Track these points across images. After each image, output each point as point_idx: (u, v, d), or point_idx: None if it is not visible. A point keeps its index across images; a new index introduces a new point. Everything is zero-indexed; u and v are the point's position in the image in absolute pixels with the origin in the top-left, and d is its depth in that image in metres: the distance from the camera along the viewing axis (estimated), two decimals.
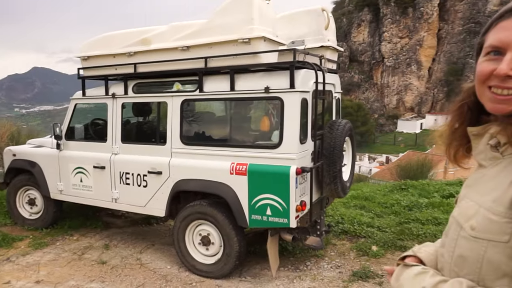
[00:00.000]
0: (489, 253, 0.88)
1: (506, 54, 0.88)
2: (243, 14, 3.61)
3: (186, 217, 4.02)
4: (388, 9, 65.24)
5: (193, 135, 4.24)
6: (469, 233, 0.92)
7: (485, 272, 0.89)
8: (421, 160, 11.45)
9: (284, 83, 3.59)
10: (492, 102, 0.92)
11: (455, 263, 0.97)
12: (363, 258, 4.30)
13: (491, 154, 0.97)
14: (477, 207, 0.93)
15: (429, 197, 6.39)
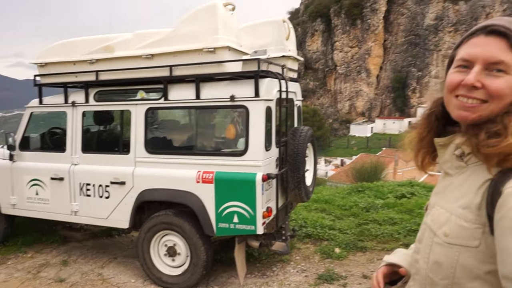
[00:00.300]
0: (462, 258, 0.91)
1: (474, 67, 0.94)
2: (208, 24, 3.57)
3: (151, 228, 3.87)
4: (339, 20, 67.62)
5: (158, 143, 4.10)
6: (443, 239, 0.96)
7: (459, 276, 0.92)
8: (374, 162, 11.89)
9: (249, 91, 3.58)
10: (458, 109, 0.96)
11: (431, 269, 0.99)
12: (327, 261, 4.36)
13: (456, 163, 1.01)
14: (448, 214, 0.97)
15: (384, 198, 6.61)
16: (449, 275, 0.94)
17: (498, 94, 0.91)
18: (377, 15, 65.02)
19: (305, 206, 6.11)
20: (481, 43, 0.94)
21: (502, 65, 0.90)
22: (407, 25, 64.50)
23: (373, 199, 6.47)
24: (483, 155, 0.91)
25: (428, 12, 62.44)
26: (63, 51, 4.22)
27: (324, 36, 70.58)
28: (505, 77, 0.91)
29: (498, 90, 0.90)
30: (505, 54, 0.90)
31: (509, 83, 0.91)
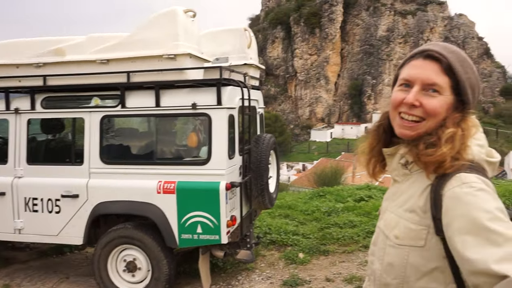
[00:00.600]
0: (411, 257, 1.01)
1: (413, 87, 1.04)
2: (168, 29, 3.43)
3: (109, 243, 3.61)
4: (298, 29, 69.07)
5: (115, 153, 3.86)
6: (394, 241, 1.05)
7: (409, 275, 1.01)
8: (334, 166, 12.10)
9: (211, 99, 3.46)
10: (399, 127, 1.08)
11: (385, 270, 1.07)
12: (292, 266, 4.30)
13: (402, 171, 1.11)
14: (398, 218, 1.06)
15: (344, 201, 6.69)
16: (400, 274, 1.02)
17: (433, 113, 1.02)
18: (334, 25, 67.09)
19: (269, 213, 6.03)
20: (420, 65, 1.05)
21: (436, 86, 1.02)
22: (362, 35, 67.09)
23: (334, 203, 6.52)
24: (422, 163, 1.02)
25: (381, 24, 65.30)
26: (4, 53, 3.84)
27: (284, 43, 71.75)
28: (438, 97, 1.02)
29: (434, 109, 1.02)
30: (439, 76, 1.02)
31: (442, 102, 1.02)
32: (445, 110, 1.03)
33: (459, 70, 1.02)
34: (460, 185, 0.94)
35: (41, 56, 3.71)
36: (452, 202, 0.93)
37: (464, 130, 1.01)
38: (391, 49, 63.05)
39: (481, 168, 1.01)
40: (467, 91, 1.04)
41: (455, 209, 0.92)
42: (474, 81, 1.05)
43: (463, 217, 0.90)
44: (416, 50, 1.09)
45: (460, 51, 1.07)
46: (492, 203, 0.91)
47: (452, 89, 1.03)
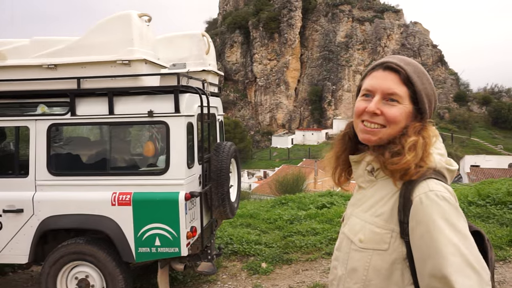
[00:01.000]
0: (373, 260, 1.08)
1: (375, 96, 1.14)
2: (122, 34, 3.39)
3: (58, 260, 3.47)
4: (257, 33, 69.90)
5: (64, 164, 3.73)
6: (358, 245, 1.12)
7: (370, 278, 1.08)
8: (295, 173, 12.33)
9: (169, 107, 3.45)
10: (362, 133, 1.16)
11: (348, 274, 1.14)
12: (255, 277, 4.34)
13: (368, 178, 1.20)
14: (363, 223, 1.14)
15: (306, 209, 6.85)
16: (362, 278, 1.09)
17: (393, 120, 1.11)
18: (293, 30, 68.58)
19: (230, 223, 6.05)
20: (380, 76, 1.15)
21: (396, 95, 1.12)
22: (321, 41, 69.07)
23: (296, 211, 6.66)
24: (389, 171, 1.10)
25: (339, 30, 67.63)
26: None
27: (243, 48, 72.26)
28: (398, 105, 1.12)
29: (394, 116, 1.11)
30: (398, 86, 1.12)
31: (401, 111, 1.12)
32: (405, 118, 1.12)
33: (416, 81, 1.12)
34: (426, 192, 1.02)
35: None
36: (417, 208, 1.01)
37: (425, 138, 1.10)
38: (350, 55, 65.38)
39: (442, 176, 1.10)
40: (424, 100, 1.13)
41: (420, 215, 1.00)
42: (430, 91, 1.15)
43: (427, 223, 0.99)
44: (377, 62, 1.19)
45: (416, 63, 1.17)
46: (453, 213, 1.01)
47: (410, 99, 1.12)
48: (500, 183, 6.99)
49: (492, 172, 25.20)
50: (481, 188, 6.54)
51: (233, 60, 72.37)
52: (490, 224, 5.14)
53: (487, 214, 5.44)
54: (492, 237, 4.65)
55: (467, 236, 1.00)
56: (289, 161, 48.31)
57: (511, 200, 5.67)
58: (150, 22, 3.75)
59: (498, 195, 5.89)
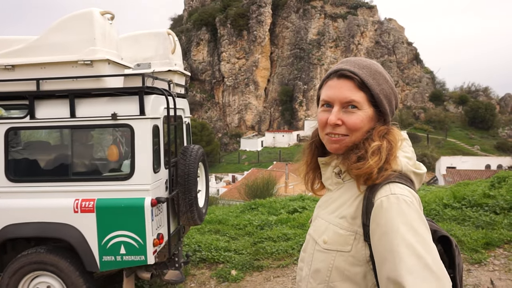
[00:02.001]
0: (336, 262, 1.15)
1: (334, 107, 1.22)
2: (83, 33, 3.47)
3: (18, 270, 3.51)
4: (225, 30, 70.05)
5: (23, 170, 3.76)
6: (322, 246, 1.20)
7: (333, 279, 1.16)
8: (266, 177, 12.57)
9: (133, 109, 3.56)
10: (329, 143, 1.25)
11: (312, 275, 1.22)
12: (224, 285, 4.50)
13: (335, 180, 1.29)
14: (327, 224, 1.22)
15: (277, 214, 7.09)
16: (325, 279, 1.17)
17: (354, 128, 1.19)
18: (263, 27, 69.18)
19: (198, 229, 6.18)
20: (335, 85, 1.21)
21: (354, 102, 1.19)
22: (292, 39, 70.03)
23: (267, 216, 6.88)
24: (353, 175, 1.19)
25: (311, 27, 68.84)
26: None
27: (210, 46, 72.20)
28: (357, 112, 1.19)
29: (354, 124, 1.19)
30: (354, 93, 1.19)
31: (361, 117, 1.19)
32: (366, 123, 1.20)
33: (371, 84, 1.18)
34: (387, 196, 1.08)
35: None
36: (378, 210, 1.07)
37: (391, 142, 1.17)
38: (322, 53, 66.67)
39: (408, 179, 1.16)
40: (383, 102, 1.20)
41: (379, 218, 1.06)
42: (388, 91, 1.22)
43: (385, 226, 1.05)
44: (331, 71, 1.26)
45: (372, 64, 1.23)
46: (413, 216, 1.05)
47: (369, 102, 1.19)
48: (476, 185, 7.32)
49: (468, 173, 25.83)
50: (456, 190, 6.79)
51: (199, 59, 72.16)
52: (465, 227, 5.32)
53: (462, 217, 5.62)
54: (468, 239, 4.83)
55: (426, 239, 1.03)
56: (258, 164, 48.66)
57: (486, 202, 5.89)
58: (113, 20, 3.85)
59: (473, 197, 6.12)
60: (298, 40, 69.24)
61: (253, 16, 69.32)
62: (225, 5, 72.56)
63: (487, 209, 5.77)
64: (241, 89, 68.82)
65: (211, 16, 72.08)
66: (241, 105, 68.47)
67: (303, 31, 69.32)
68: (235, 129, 67.89)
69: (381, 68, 1.25)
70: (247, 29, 69.36)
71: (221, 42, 70.31)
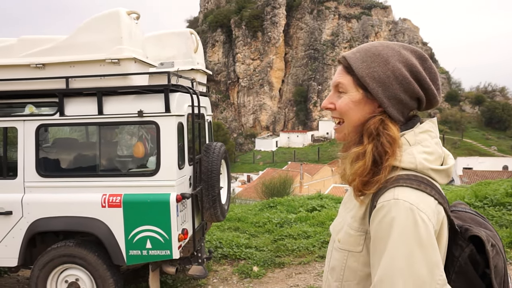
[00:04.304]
0: (349, 262, 1.12)
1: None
2: (111, 32, 3.52)
3: (48, 263, 3.58)
4: (240, 32, 70.27)
5: (53, 165, 3.84)
6: (337, 245, 1.17)
7: (346, 278, 1.13)
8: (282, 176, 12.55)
9: (159, 106, 3.59)
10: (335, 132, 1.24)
11: (330, 272, 1.20)
12: (246, 281, 4.51)
13: None
14: (343, 223, 1.18)
15: (296, 212, 7.07)
16: (339, 277, 1.14)
17: (341, 111, 1.16)
18: (277, 28, 69.20)
19: (217, 226, 6.21)
20: (335, 72, 1.23)
21: (340, 85, 1.17)
22: (306, 40, 69.87)
23: (286, 214, 6.87)
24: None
25: (325, 28, 68.58)
26: None
27: (225, 47, 72.52)
28: (344, 96, 1.16)
29: (340, 107, 1.16)
30: (342, 77, 1.17)
31: (346, 100, 1.15)
32: (353, 107, 1.13)
33: (357, 67, 1.12)
34: (389, 201, 0.99)
35: None
36: (376, 214, 1.01)
37: (382, 143, 1.06)
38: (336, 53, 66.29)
39: (423, 178, 1.04)
40: (369, 83, 1.10)
41: (376, 222, 1.00)
42: (381, 74, 1.10)
43: (379, 231, 0.99)
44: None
45: (373, 47, 1.15)
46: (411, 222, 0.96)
47: (357, 86, 1.13)
48: (498, 184, 7.16)
49: (485, 174, 25.24)
50: (477, 190, 6.66)
51: (215, 60, 72.53)
52: None
53: (485, 216, 5.59)
54: None
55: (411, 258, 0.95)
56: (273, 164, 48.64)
57: (509, 201, 5.77)
58: (138, 20, 3.91)
59: (496, 196, 6.00)
60: (312, 41, 69.04)
61: (268, 18, 69.37)
62: (240, 7, 72.79)
63: (510, 208, 5.67)
64: (255, 90, 68.90)
65: (226, 17, 72.41)
66: (256, 106, 68.53)
67: (317, 32, 69.12)
68: (250, 129, 68.00)
69: (388, 51, 1.13)
70: (261, 30, 69.45)
71: (236, 43, 70.54)
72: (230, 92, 71.57)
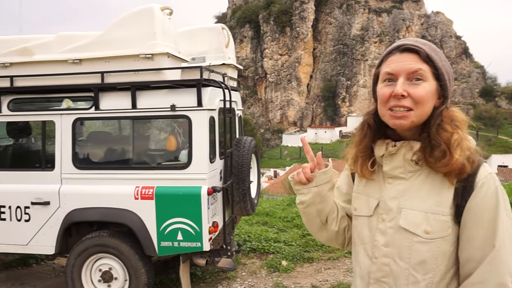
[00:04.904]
0: (442, 247, 1.15)
1: (398, 79, 1.17)
2: (144, 28, 3.56)
3: (83, 252, 3.69)
4: (268, 27, 70.05)
5: (89, 158, 3.95)
6: (425, 237, 1.16)
7: (439, 264, 1.15)
8: None
9: (191, 101, 3.62)
10: (392, 119, 1.18)
11: (415, 267, 1.17)
12: (275, 274, 4.51)
13: (411, 168, 1.21)
14: (423, 213, 1.17)
15: None
16: (432, 267, 1.16)
17: (420, 100, 1.15)
18: (306, 23, 68.56)
19: (246, 220, 6.23)
20: (399, 59, 1.19)
21: (420, 72, 1.16)
22: (335, 34, 68.90)
23: None
24: (442, 172, 1.16)
25: (354, 23, 67.39)
26: None
27: (253, 43, 72.50)
28: (423, 84, 1.15)
29: (420, 96, 1.15)
30: (420, 64, 1.17)
31: (427, 89, 1.16)
32: (431, 96, 1.16)
33: (435, 58, 1.17)
34: (487, 176, 1.13)
35: (7, 55, 3.76)
36: (480, 189, 1.12)
37: (462, 128, 1.18)
38: (365, 48, 65.18)
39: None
40: (445, 77, 1.18)
41: (480, 196, 1.12)
42: (448, 69, 1.21)
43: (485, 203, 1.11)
44: (392, 47, 1.24)
45: (430, 43, 1.23)
46: (504, 193, 1.15)
47: (434, 76, 1.17)
48: None
49: None
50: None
51: (243, 56, 72.64)
52: None
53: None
54: None
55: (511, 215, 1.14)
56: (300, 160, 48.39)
57: None
58: (171, 15, 3.94)
59: None
60: (341, 36, 68.02)
61: (296, 13, 68.79)
62: (268, 2, 72.50)
63: None
64: (283, 85, 68.62)
65: (254, 13, 72.32)
66: (283, 101, 68.27)
67: (346, 26, 68.04)
68: (277, 124, 67.86)
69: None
70: (290, 26, 68.98)
71: (264, 39, 70.39)
72: (257, 88, 71.58)
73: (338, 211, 1.43)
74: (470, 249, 1.13)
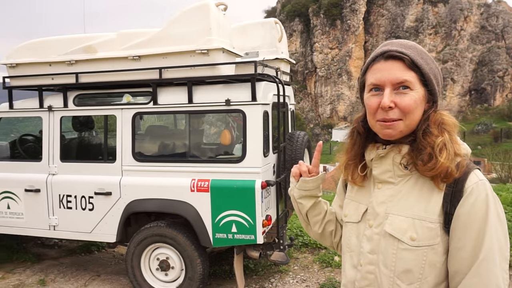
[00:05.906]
0: (429, 256, 1.08)
1: (384, 89, 1.12)
2: (200, 24, 3.60)
3: (142, 241, 3.83)
4: (318, 21, 68.88)
5: (147, 151, 4.08)
6: (411, 244, 1.09)
7: (426, 274, 1.09)
8: None
9: (245, 95, 3.62)
10: (382, 129, 1.15)
11: (399, 276, 1.11)
12: (327, 270, 4.43)
13: (401, 172, 1.17)
14: (411, 220, 1.11)
15: None
16: (418, 277, 1.09)
17: (408, 110, 1.10)
18: (357, 16, 66.64)
19: (296, 215, 6.17)
20: (384, 67, 1.13)
21: (406, 82, 1.11)
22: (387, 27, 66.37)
23: None
24: (428, 176, 1.11)
25: (408, 14, 64.53)
26: (37, 51, 4.13)
27: (302, 37, 71.68)
28: (410, 93, 1.11)
29: (408, 106, 1.10)
30: (406, 73, 1.11)
31: (414, 98, 1.11)
32: (419, 104, 1.12)
33: (421, 64, 1.12)
34: (477, 182, 1.07)
35: (72, 53, 3.96)
36: (469, 196, 1.06)
37: (449, 131, 1.13)
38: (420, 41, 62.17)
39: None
40: (433, 82, 1.14)
41: (469, 204, 1.05)
42: (436, 71, 1.16)
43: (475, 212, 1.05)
44: (375, 53, 1.18)
45: (417, 45, 1.18)
46: (496, 202, 1.08)
47: (420, 82, 1.12)
48: None
49: None
50: None
51: (292, 50, 72.04)
52: None
53: None
54: None
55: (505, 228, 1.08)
56: None
57: None
58: (226, 11, 3.95)
59: None
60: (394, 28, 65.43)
61: (347, 5, 67.06)
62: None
63: None
64: (333, 80, 67.35)
65: (304, 6, 71.38)
66: (334, 96, 67.05)
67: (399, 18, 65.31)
68: (327, 119, 66.81)
69: (425, 50, 1.19)
70: (340, 19, 67.41)
71: (314, 32, 69.37)
72: (307, 82, 70.80)
73: (326, 214, 1.41)
74: (458, 260, 1.06)
